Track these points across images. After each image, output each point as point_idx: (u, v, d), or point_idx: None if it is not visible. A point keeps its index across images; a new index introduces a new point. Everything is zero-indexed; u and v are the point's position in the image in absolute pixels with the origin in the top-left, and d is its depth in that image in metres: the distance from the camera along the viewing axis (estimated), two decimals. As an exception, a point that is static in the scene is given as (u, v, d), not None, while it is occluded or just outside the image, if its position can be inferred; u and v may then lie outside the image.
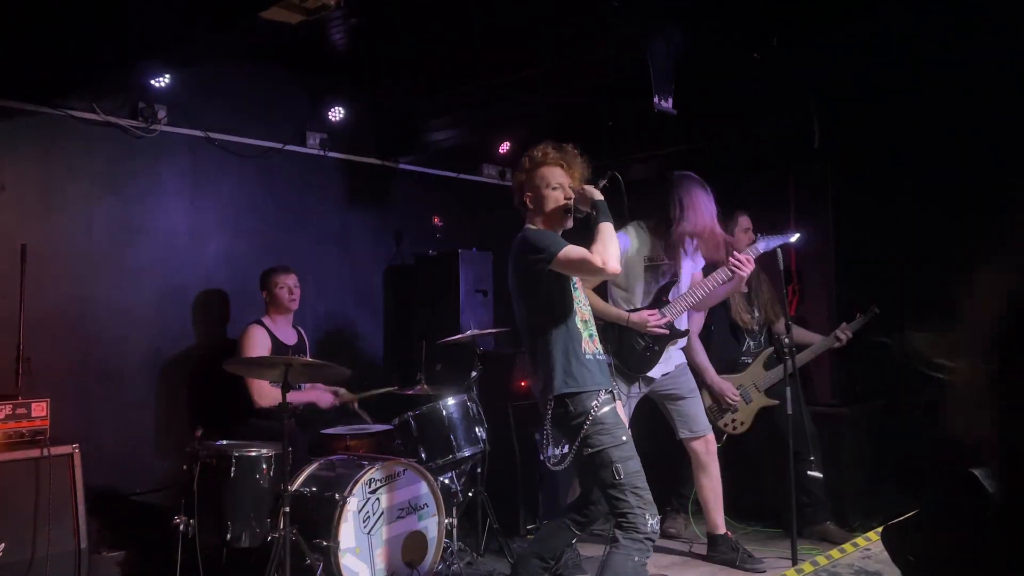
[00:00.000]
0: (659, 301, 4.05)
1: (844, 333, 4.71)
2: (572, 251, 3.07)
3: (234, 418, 4.36)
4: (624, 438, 3.03)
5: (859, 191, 5.33)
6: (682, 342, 4.18)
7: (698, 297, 4.06)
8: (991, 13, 4.12)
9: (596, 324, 3.32)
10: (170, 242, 4.70)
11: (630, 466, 2.98)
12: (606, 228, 3.11)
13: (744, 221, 4.77)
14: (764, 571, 4.08)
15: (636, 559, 2.89)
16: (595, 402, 3.03)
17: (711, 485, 4.23)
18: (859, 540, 2.74)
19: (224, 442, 3.84)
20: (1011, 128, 4.63)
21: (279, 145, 5.12)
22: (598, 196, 3.17)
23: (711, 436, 4.25)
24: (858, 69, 4.88)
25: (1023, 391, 1.19)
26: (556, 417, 3.10)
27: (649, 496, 2.97)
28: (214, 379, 4.35)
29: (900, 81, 4.89)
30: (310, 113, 5.26)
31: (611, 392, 3.15)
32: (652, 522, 2.92)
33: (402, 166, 5.78)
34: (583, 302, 3.29)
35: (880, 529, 2.39)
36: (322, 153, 5.31)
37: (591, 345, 3.19)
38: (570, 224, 3.29)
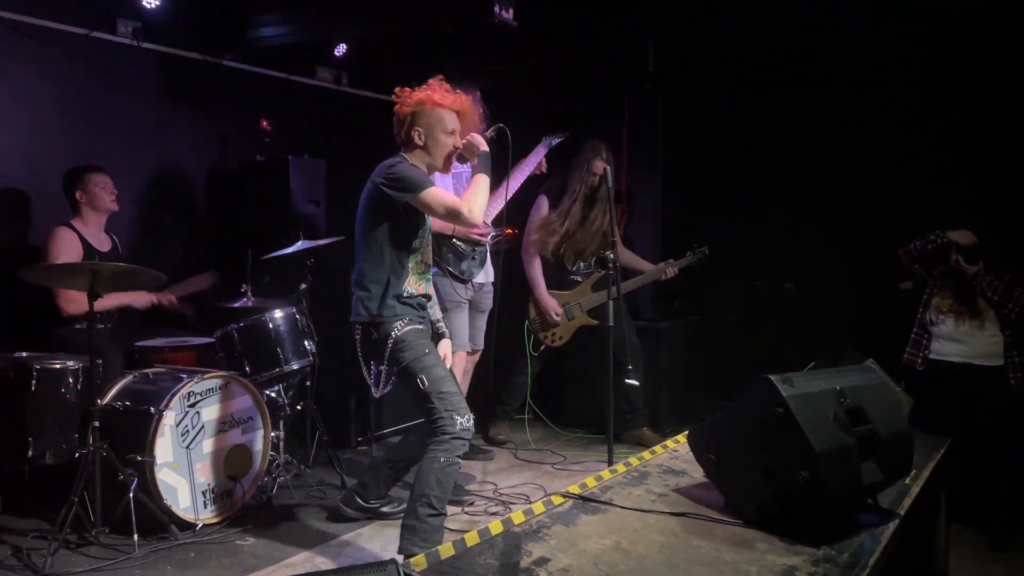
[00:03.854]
0: None
1: (672, 269, 4.92)
2: (438, 193, 3.11)
3: (39, 327, 4.03)
4: (427, 350, 3.15)
5: (690, 115, 5.52)
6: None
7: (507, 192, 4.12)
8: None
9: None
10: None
11: (432, 373, 3.09)
12: (482, 180, 3.16)
13: (598, 166, 4.78)
14: (492, 458, 4.72)
15: (442, 460, 3.02)
16: (398, 324, 3.13)
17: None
18: (668, 442, 2.93)
19: (24, 354, 3.56)
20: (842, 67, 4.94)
21: (84, 31, 4.61)
22: (485, 148, 3.23)
23: (478, 353, 4.45)
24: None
25: None
26: (363, 342, 3.21)
27: (456, 398, 3.09)
28: (13, 286, 3.98)
29: (735, 11, 5.07)
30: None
31: (421, 321, 3.23)
32: (461, 420, 3.05)
33: (227, 63, 5.37)
34: (429, 246, 3.33)
35: (687, 432, 2.56)
36: (135, 43, 4.83)
37: (419, 287, 3.25)
38: (449, 170, 3.34)
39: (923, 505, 2.48)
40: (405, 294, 3.18)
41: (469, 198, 3.12)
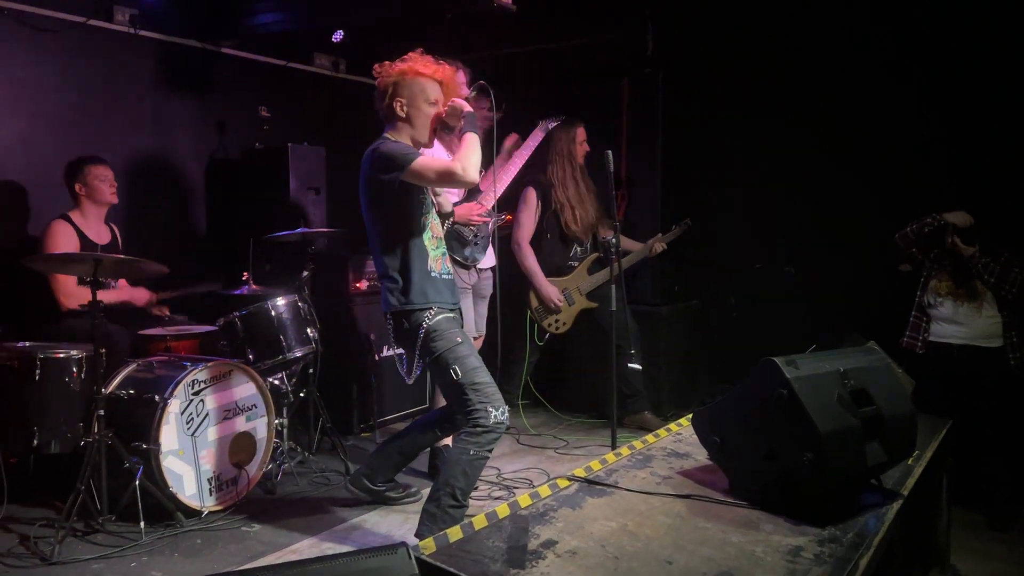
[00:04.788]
0: (473, 193, 4.14)
1: (659, 244, 4.98)
2: (428, 160, 3.08)
3: (38, 320, 4.04)
4: (459, 339, 3.11)
5: (689, 99, 5.51)
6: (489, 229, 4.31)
7: (507, 176, 4.38)
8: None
9: None
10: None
11: (466, 364, 3.05)
12: (472, 138, 3.09)
13: (580, 133, 4.88)
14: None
15: (472, 452, 3.00)
16: (428, 313, 3.10)
17: None
18: (672, 426, 2.94)
19: (27, 343, 3.56)
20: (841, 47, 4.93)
21: (82, 19, 4.59)
22: (468, 109, 3.17)
23: (481, 339, 4.45)
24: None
25: None
26: (396, 331, 3.18)
27: (490, 389, 3.06)
28: (13, 278, 4.00)
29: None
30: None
31: (453, 309, 3.21)
32: (495, 413, 3.01)
33: (225, 50, 5.35)
34: (435, 218, 3.29)
35: (690, 415, 2.58)
36: (132, 31, 4.81)
37: (438, 263, 3.21)
38: (433, 142, 3.30)
39: (925, 486, 2.50)
40: (432, 274, 3.15)
41: (461, 157, 3.04)
